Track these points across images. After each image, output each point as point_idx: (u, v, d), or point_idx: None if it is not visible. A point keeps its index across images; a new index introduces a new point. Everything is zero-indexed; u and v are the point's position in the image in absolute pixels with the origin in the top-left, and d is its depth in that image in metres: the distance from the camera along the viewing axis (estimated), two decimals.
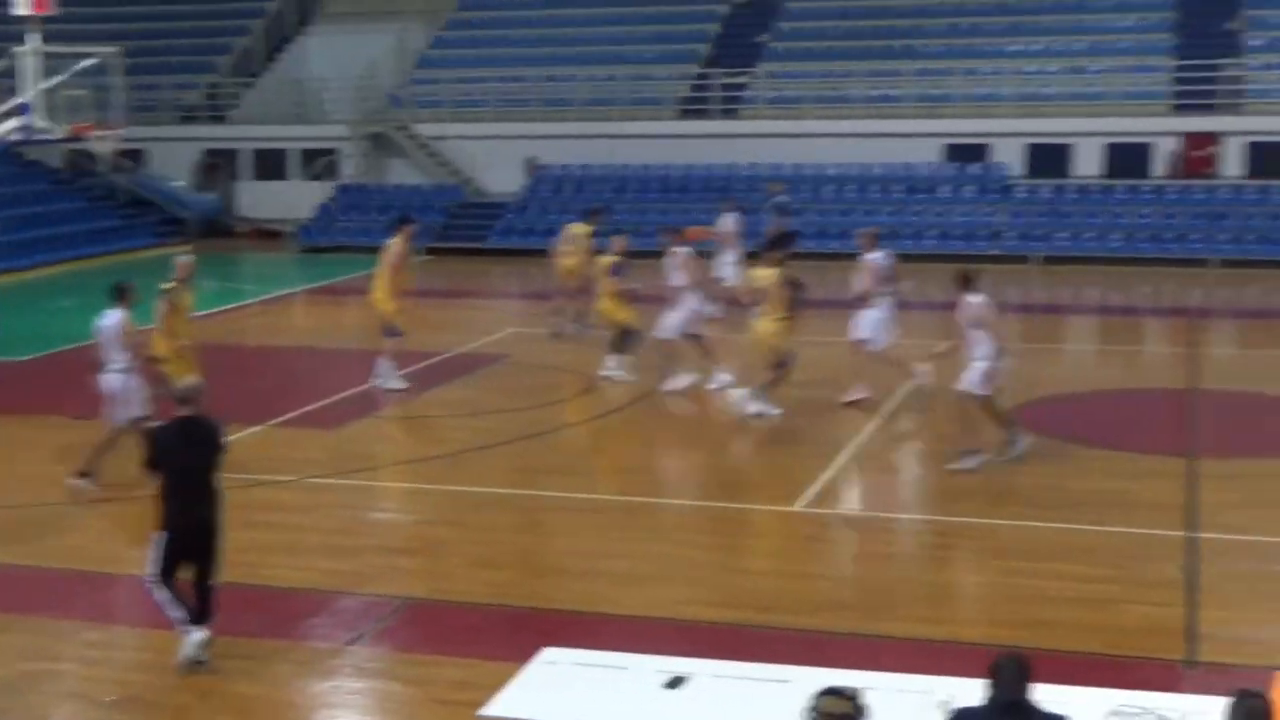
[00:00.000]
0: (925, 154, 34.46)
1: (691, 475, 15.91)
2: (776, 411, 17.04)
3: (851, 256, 32.03)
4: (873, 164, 34.59)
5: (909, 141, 34.43)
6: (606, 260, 19.98)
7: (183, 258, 16.55)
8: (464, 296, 28.13)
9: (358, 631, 11.07)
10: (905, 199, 33.91)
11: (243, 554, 12.79)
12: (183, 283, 16.14)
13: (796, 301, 17.00)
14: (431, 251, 34.50)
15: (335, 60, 40.68)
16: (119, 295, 14.53)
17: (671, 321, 19.03)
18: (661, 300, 19.51)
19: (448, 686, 10.02)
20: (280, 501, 14.54)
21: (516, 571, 12.40)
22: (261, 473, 15.38)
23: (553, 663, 8.49)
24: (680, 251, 19.40)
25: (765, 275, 17.07)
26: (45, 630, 11.22)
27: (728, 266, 24.97)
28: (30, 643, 11.03)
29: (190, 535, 10.26)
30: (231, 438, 16.57)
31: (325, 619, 11.37)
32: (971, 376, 14.82)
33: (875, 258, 18.29)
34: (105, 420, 14.56)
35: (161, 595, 10.35)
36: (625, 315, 19.62)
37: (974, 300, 14.97)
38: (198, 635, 10.30)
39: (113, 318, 14.42)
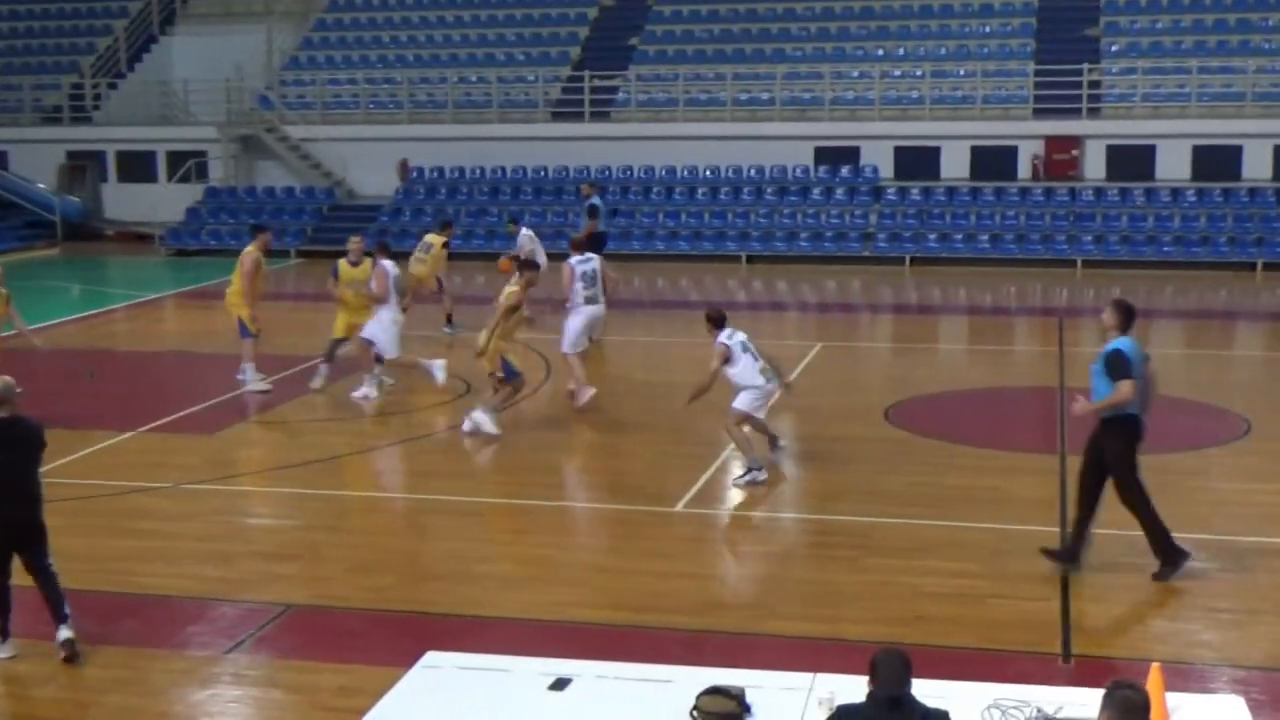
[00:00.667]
0: (796, 157, 34.83)
1: (573, 477, 15.92)
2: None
3: (724, 259, 32.57)
4: (744, 166, 34.89)
5: (780, 144, 34.78)
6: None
7: None
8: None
9: (237, 639, 10.92)
10: (777, 201, 34.25)
11: (118, 562, 12.65)
12: None
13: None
14: (303, 254, 34.18)
15: (201, 61, 40.09)
16: None
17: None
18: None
19: (330, 693, 9.94)
20: (155, 508, 14.31)
21: (396, 576, 12.33)
22: (135, 479, 15.14)
23: (435, 667, 8.43)
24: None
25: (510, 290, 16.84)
26: None
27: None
28: None
29: (8, 533, 10.31)
30: (104, 444, 16.49)
31: (203, 627, 11.21)
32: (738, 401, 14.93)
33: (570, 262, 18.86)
34: None
35: None
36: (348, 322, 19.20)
37: (720, 339, 15.01)
38: (3, 649, 10.47)
39: None
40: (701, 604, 11.58)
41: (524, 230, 23.76)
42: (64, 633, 10.45)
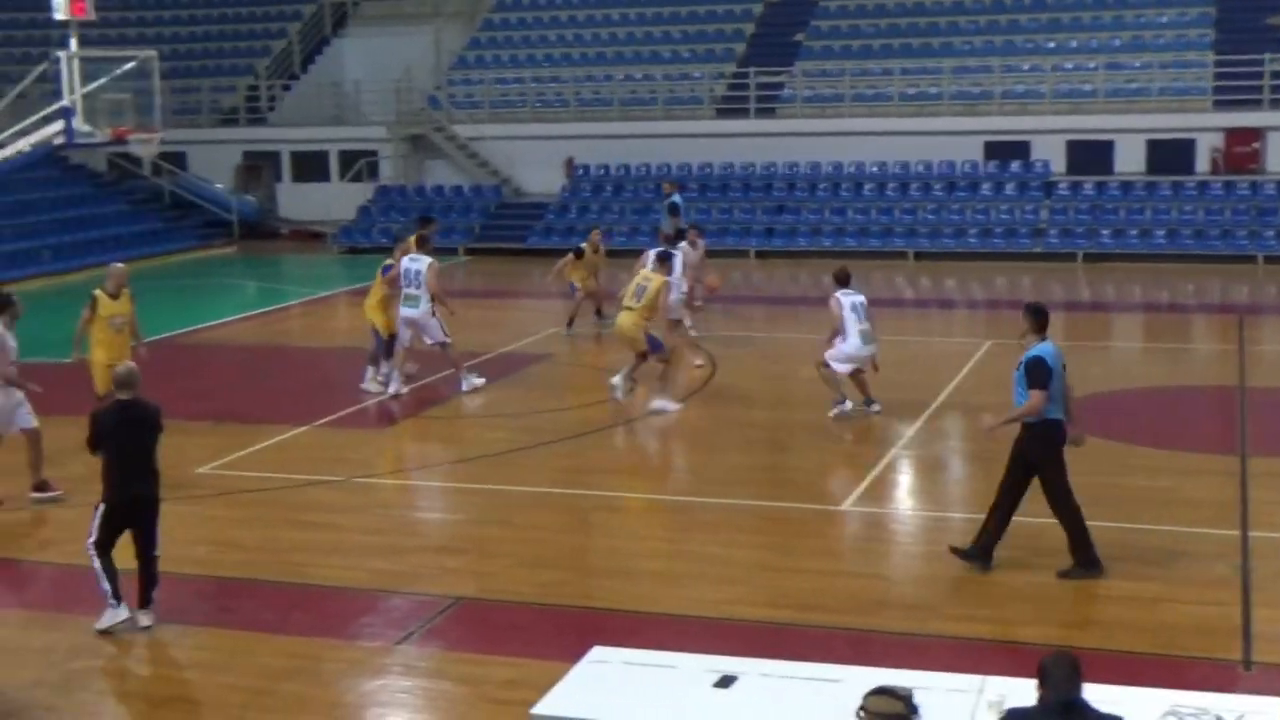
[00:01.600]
0: (965, 152, 34.32)
1: (739, 474, 15.87)
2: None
3: (891, 256, 32.24)
4: (912, 162, 34.49)
5: (948, 139, 34.31)
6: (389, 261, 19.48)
7: (116, 265, 16.48)
8: (504, 297, 28.18)
9: (407, 630, 11.10)
10: (945, 197, 33.81)
11: (293, 553, 12.93)
12: (109, 291, 15.89)
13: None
14: (470, 252, 34.62)
15: (371, 62, 40.84)
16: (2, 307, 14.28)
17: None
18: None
19: (497, 686, 10.05)
20: (328, 501, 14.61)
21: (564, 571, 12.41)
22: (309, 473, 15.46)
23: (602, 661, 8.45)
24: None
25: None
26: (88, 629, 11.27)
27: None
28: (81, 641, 11.10)
29: (126, 509, 11.00)
30: (279, 438, 16.88)
31: (374, 618, 11.40)
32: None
33: None
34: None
35: (95, 564, 11.03)
36: (386, 321, 19.18)
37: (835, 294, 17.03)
38: (121, 612, 10.98)
39: None
40: (867, 603, 11.47)
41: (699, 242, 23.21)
42: (145, 619, 11.08)
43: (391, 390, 18.88)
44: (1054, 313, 27.31)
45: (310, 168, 39.77)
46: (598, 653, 8.57)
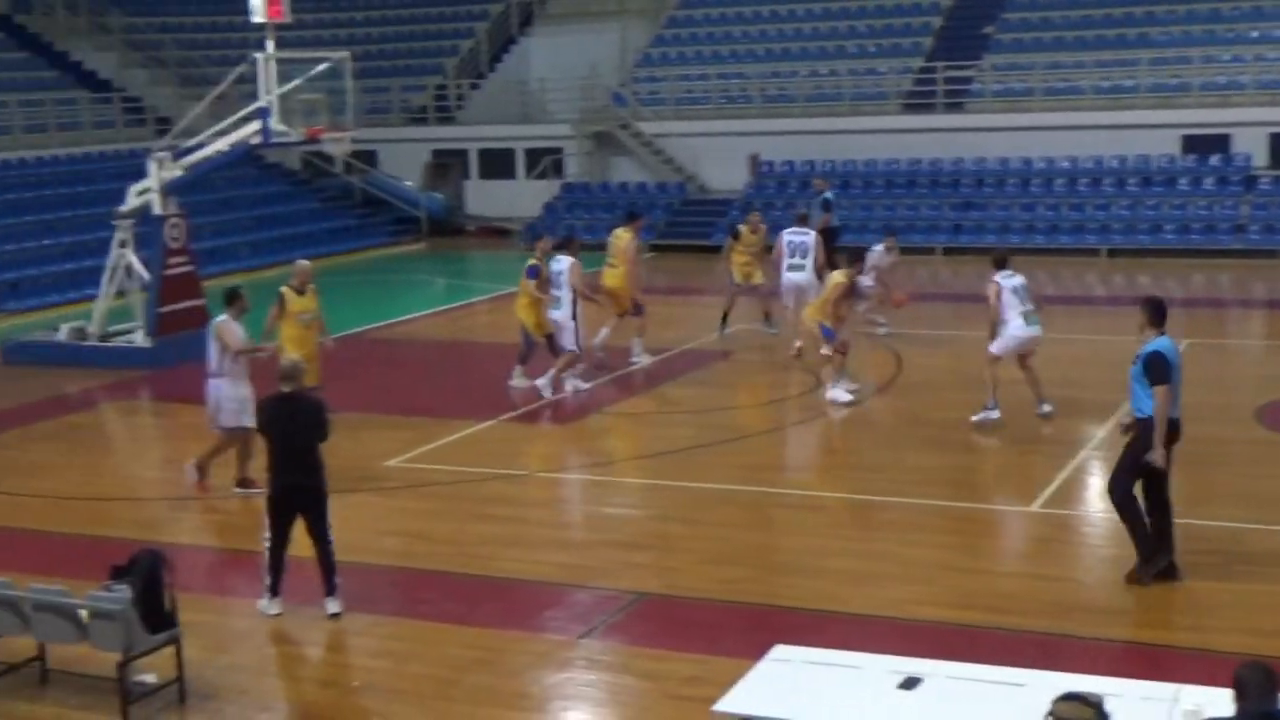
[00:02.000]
0: (1161, 146, 33.38)
1: (926, 473, 15.66)
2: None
3: (1083, 253, 31.51)
4: (1105, 156, 33.67)
5: (1144, 133, 33.37)
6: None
7: (301, 262, 16.82)
8: (689, 294, 28.21)
9: (590, 625, 11.17)
10: (1140, 192, 32.93)
11: (479, 546, 13.12)
12: (295, 287, 16.28)
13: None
14: (655, 249, 34.71)
15: (558, 60, 41.19)
16: (230, 300, 14.75)
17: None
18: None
19: (679, 682, 10.06)
20: (514, 495, 14.78)
21: (747, 568, 12.37)
22: (494, 467, 15.66)
23: (785, 660, 8.40)
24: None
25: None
26: (291, 615, 11.57)
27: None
28: (276, 627, 11.40)
29: (285, 499, 11.29)
30: (466, 432, 17.13)
31: (559, 611, 11.51)
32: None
33: None
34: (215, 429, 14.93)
35: (265, 555, 11.41)
36: (537, 322, 19.19)
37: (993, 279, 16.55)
38: (270, 607, 11.36)
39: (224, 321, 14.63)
40: (1057, 606, 11.23)
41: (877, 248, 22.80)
42: (331, 606, 11.30)
43: (576, 387, 19.03)
44: (1256, 312, 26.51)
45: (497, 165, 40.27)
46: (780, 651, 8.53)
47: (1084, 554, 12.88)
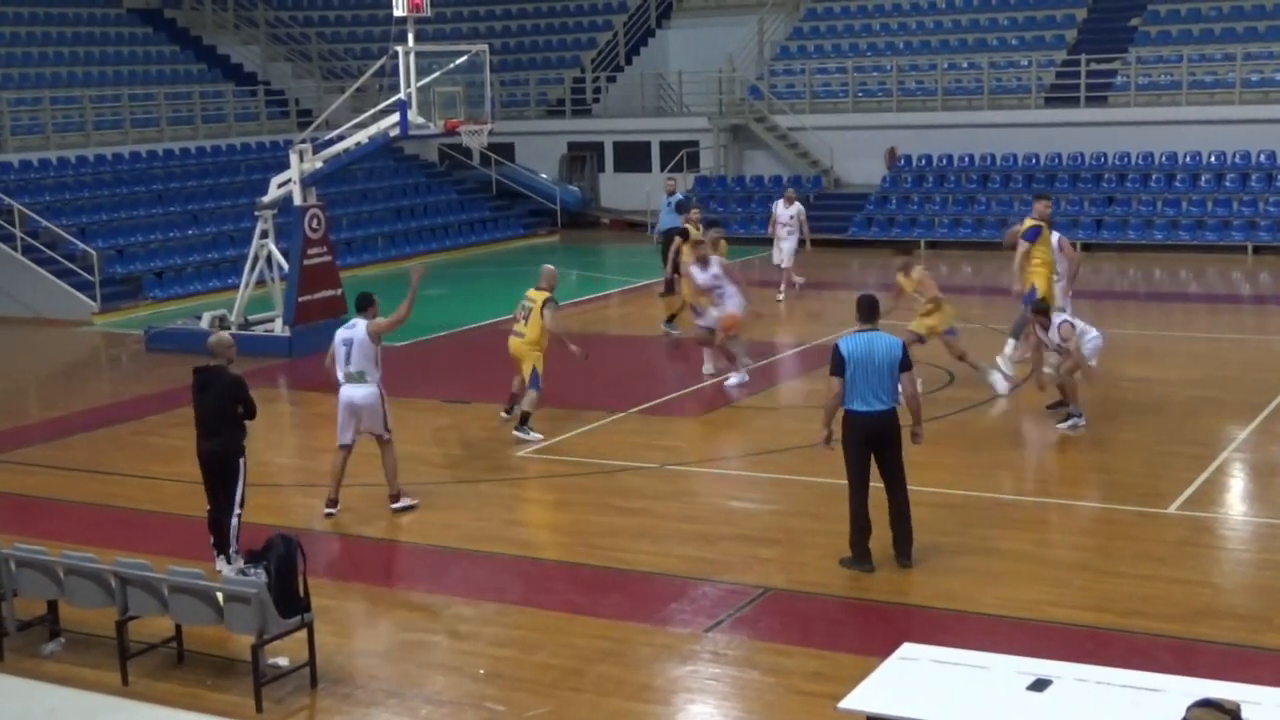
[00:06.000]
0: None
1: (1060, 473, 15.41)
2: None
3: (1228, 250, 30.79)
4: (1253, 151, 32.85)
5: None
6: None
7: (546, 266, 17.00)
8: (825, 288, 28.04)
9: (716, 618, 11.16)
10: None
11: (605, 537, 13.18)
12: (543, 288, 16.61)
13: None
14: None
15: (695, 53, 41.17)
16: (363, 305, 14.12)
17: None
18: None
19: (804, 677, 10.01)
20: (642, 488, 14.82)
21: (875, 565, 12.25)
22: (624, 459, 15.71)
23: (912, 659, 8.31)
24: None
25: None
26: (422, 604, 11.70)
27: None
28: (407, 615, 11.55)
29: (204, 465, 12.21)
30: (597, 424, 17.20)
31: (685, 604, 11.51)
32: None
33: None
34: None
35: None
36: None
37: None
38: (218, 562, 12.00)
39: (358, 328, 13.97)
40: (1193, 611, 10.99)
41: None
42: (219, 563, 11.99)
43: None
44: None
45: (632, 158, 40.36)
46: (907, 649, 8.44)
47: (1222, 558, 12.57)
